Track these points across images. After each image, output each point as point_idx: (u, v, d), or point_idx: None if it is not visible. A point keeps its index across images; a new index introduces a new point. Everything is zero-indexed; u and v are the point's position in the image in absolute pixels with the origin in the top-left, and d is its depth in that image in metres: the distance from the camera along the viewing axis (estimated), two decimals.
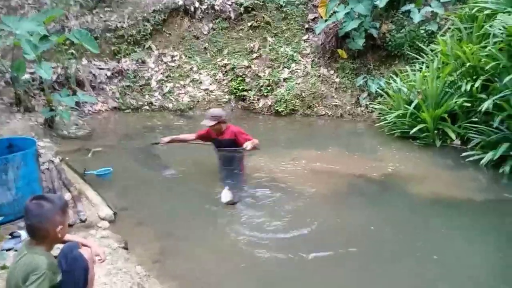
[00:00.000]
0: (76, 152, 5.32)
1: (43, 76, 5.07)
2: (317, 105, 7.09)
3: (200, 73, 7.89)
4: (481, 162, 4.67)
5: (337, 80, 7.22)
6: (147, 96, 7.67)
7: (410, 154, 5.31)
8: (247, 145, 4.30)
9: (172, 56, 8.05)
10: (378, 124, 6.19)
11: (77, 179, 4.06)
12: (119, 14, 8.20)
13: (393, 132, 5.88)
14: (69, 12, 8.13)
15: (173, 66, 7.96)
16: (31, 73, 6.75)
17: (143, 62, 7.96)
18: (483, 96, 5.02)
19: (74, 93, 7.20)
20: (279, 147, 5.73)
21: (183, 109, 7.49)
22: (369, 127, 6.51)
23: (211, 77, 7.84)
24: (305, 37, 7.85)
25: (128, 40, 8.02)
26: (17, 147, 3.71)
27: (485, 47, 5.21)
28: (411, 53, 6.72)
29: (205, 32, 8.12)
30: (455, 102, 5.28)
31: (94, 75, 7.72)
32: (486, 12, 5.43)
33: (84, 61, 7.77)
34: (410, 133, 5.47)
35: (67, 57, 7.75)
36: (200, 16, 8.16)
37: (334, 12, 7.25)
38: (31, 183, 3.42)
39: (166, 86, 7.75)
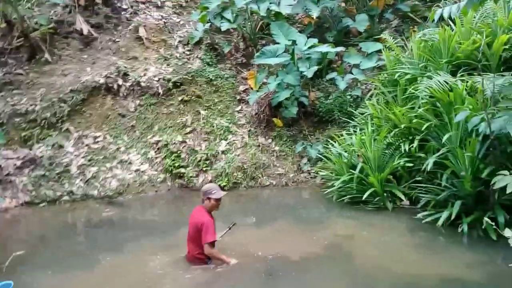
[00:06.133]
0: None
1: None
2: (260, 176, 6.78)
3: (129, 153, 7.19)
4: (438, 223, 4.65)
5: (277, 148, 7.10)
6: (66, 185, 6.68)
7: (363, 221, 5.11)
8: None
9: (95, 137, 7.27)
10: (326, 191, 6.01)
11: None
12: (29, 97, 7.33)
13: (342, 198, 5.73)
14: None
15: (96, 148, 7.16)
16: None
17: (61, 146, 7.05)
18: (422, 155, 5.20)
19: None
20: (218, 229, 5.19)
21: (111, 195, 6.63)
22: (316, 194, 6.31)
23: (141, 156, 7.18)
24: (238, 108, 7.75)
25: (42, 124, 7.11)
26: None
27: (412, 108, 5.58)
28: (342, 118, 6.97)
29: (131, 110, 7.58)
30: (398, 163, 5.38)
31: (0, 166, 6.58)
32: (406, 77, 5.88)
33: None
34: (363, 198, 5.34)
35: None
36: (125, 93, 7.66)
37: (265, 83, 7.36)
38: None
39: (89, 171, 6.87)
